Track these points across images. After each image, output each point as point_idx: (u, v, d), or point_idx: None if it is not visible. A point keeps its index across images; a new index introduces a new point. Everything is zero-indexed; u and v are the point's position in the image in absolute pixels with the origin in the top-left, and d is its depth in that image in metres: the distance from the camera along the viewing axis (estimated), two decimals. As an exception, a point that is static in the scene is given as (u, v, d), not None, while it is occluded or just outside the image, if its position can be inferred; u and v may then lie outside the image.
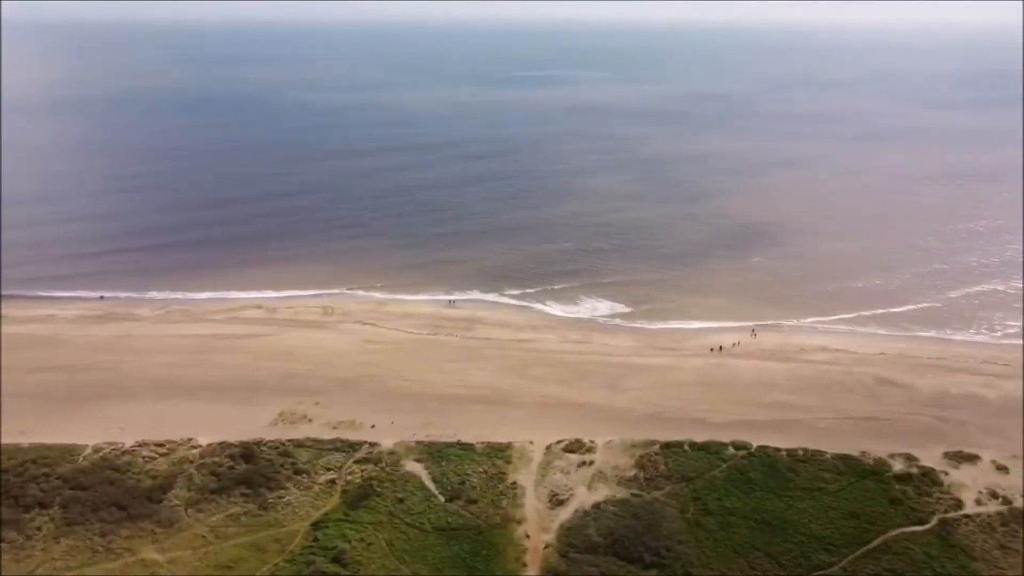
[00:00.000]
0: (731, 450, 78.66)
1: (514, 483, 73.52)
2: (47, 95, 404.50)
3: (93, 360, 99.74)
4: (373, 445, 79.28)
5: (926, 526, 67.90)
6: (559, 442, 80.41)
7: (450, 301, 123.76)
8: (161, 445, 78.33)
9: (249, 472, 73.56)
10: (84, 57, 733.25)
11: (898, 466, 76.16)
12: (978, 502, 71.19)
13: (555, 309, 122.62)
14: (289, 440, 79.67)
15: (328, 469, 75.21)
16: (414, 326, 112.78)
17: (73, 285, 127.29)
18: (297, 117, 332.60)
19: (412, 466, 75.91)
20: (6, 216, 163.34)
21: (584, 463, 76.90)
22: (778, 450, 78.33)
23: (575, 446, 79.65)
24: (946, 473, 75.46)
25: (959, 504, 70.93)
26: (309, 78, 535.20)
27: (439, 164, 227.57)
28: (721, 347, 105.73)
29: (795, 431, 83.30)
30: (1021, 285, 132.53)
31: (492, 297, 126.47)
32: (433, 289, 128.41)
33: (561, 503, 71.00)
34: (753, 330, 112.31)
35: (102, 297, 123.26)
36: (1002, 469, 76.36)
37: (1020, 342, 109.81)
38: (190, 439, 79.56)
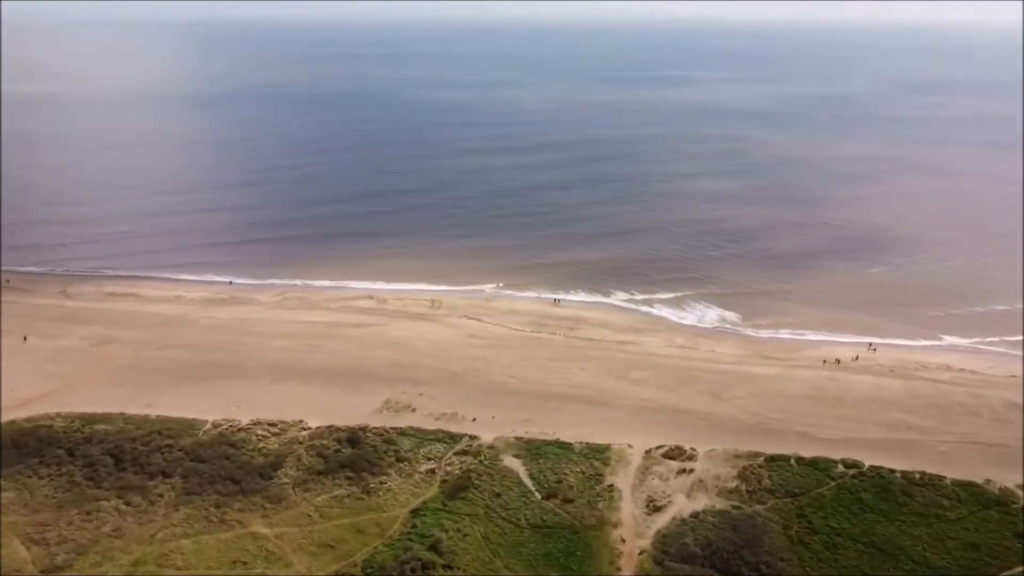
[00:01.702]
0: (841, 468, 75.25)
1: (611, 486, 72.97)
2: (184, 91, 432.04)
3: (215, 340, 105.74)
4: (473, 438, 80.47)
5: (1057, 565, 62.90)
6: (659, 447, 79.23)
7: (555, 300, 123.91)
8: (274, 425, 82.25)
9: (354, 456, 76.12)
10: (212, 55, 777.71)
11: (1027, 498, 70.89)
12: (1119, 543, 65.30)
13: (661, 312, 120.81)
14: (393, 428, 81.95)
15: (429, 459, 76.89)
16: (518, 323, 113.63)
17: (204, 270, 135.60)
18: (415, 115, 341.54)
19: (510, 461, 76.57)
20: (149, 205, 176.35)
21: (684, 470, 75.47)
22: (892, 471, 74.34)
23: (675, 452, 78.29)
24: (1083, 509, 69.63)
25: (1096, 544, 65.29)
26: (425, 76, 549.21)
27: (551, 166, 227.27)
28: (839, 360, 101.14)
29: (912, 453, 78.85)
30: None
31: (597, 298, 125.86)
32: (539, 288, 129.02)
33: (658, 509, 69.94)
34: (871, 345, 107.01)
35: (231, 282, 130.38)
36: None
37: None
38: (300, 421, 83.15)
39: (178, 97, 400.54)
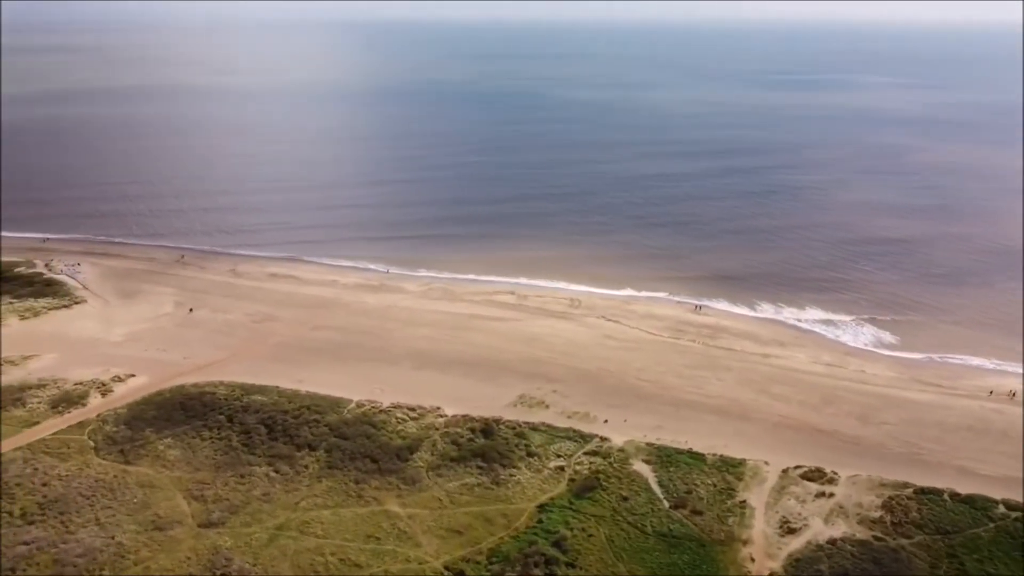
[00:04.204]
0: (1002, 509, 69.33)
1: (743, 502, 70.82)
2: (353, 86, 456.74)
3: (363, 324, 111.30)
4: (604, 439, 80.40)
5: None
6: (797, 467, 76.05)
7: (697, 307, 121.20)
8: (412, 409, 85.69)
9: (486, 447, 78.01)
10: (373, 53, 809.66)
11: None
12: None
13: (809, 327, 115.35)
14: (525, 422, 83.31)
15: (559, 456, 77.55)
16: (656, 328, 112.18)
17: (360, 259, 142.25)
18: (566, 116, 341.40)
19: (640, 466, 75.92)
20: (317, 199, 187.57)
21: (823, 494, 72.03)
22: (1063, 519, 67.79)
23: (814, 474, 74.85)
24: None
25: None
26: (575, 75, 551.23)
27: (702, 174, 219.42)
28: (1014, 393, 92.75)
29: (1089, 500, 71.45)
30: None
31: (740, 309, 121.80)
32: (680, 293, 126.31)
33: (792, 532, 67.17)
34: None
35: (388, 271, 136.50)
36: None
37: None
38: (438, 408, 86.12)
39: (346, 92, 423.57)
